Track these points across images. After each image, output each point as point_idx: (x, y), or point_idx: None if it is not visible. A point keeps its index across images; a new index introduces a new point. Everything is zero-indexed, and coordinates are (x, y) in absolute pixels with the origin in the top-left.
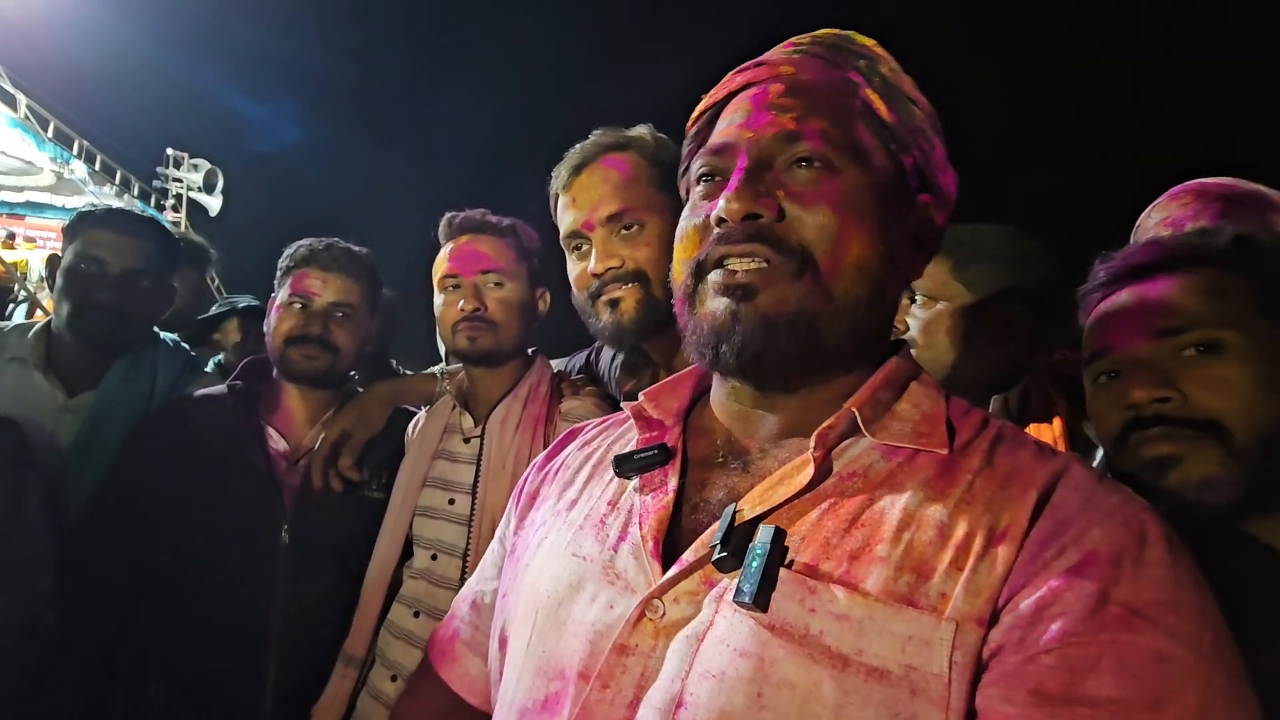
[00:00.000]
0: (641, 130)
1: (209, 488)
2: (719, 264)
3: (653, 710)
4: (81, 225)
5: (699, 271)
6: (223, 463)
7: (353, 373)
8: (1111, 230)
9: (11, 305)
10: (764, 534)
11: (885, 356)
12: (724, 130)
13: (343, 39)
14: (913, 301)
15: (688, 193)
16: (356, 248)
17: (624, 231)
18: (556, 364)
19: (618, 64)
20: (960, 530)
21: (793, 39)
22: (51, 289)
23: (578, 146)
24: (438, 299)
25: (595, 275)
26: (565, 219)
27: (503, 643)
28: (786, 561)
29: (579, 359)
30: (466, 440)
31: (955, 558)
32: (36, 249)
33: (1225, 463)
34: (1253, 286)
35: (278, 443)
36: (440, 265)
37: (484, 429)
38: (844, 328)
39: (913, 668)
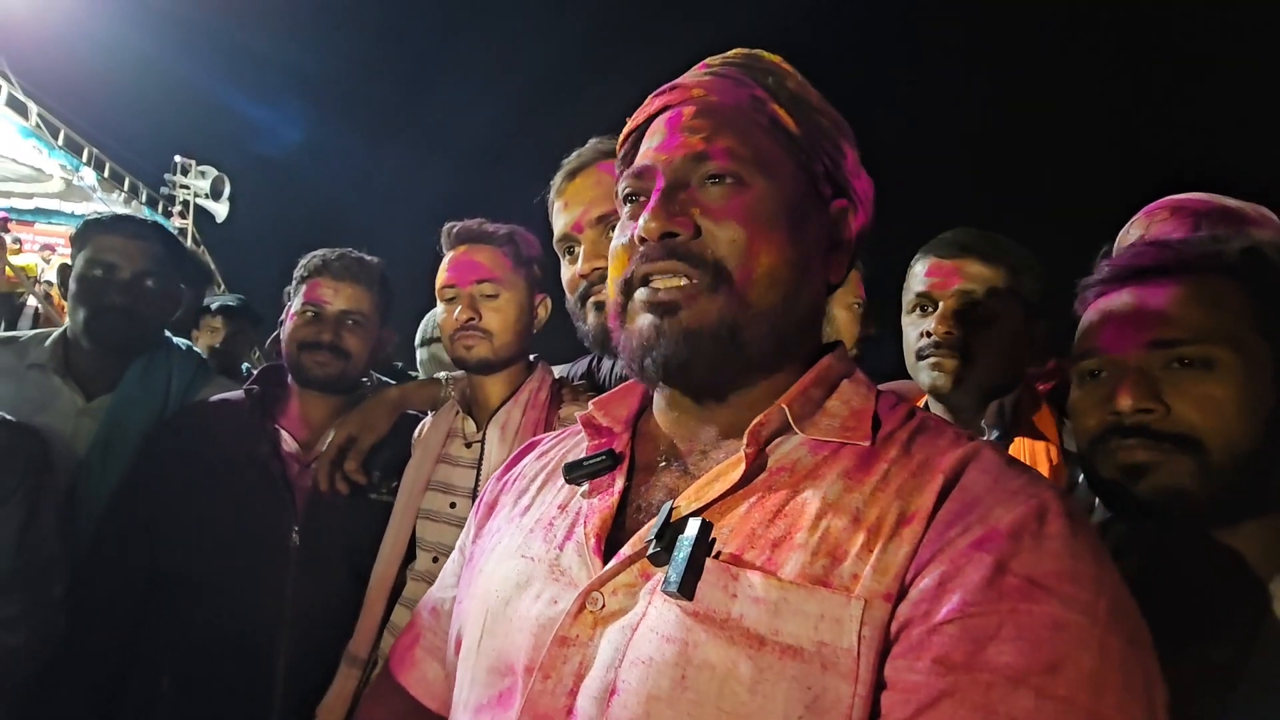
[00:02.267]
0: None
1: (223, 489)
2: (644, 282)
3: (589, 698)
4: (89, 232)
5: (627, 289)
6: (237, 465)
7: (365, 379)
8: (1098, 247)
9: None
10: (691, 527)
11: (818, 357)
12: (644, 153)
13: (348, 42)
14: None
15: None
16: (369, 257)
17: (612, 233)
18: (559, 370)
19: (618, 64)
20: (872, 515)
21: (706, 60)
22: (65, 296)
23: (576, 153)
24: (439, 309)
25: (583, 276)
26: (558, 222)
27: (458, 646)
28: (714, 553)
29: (581, 366)
30: (468, 445)
31: (866, 540)
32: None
33: (1195, 477)
34: (1253, 301)
35: (290, 446)
36: (440, 276)
37: (484, 434)
38: (763, 331)
39: (824, 644)
